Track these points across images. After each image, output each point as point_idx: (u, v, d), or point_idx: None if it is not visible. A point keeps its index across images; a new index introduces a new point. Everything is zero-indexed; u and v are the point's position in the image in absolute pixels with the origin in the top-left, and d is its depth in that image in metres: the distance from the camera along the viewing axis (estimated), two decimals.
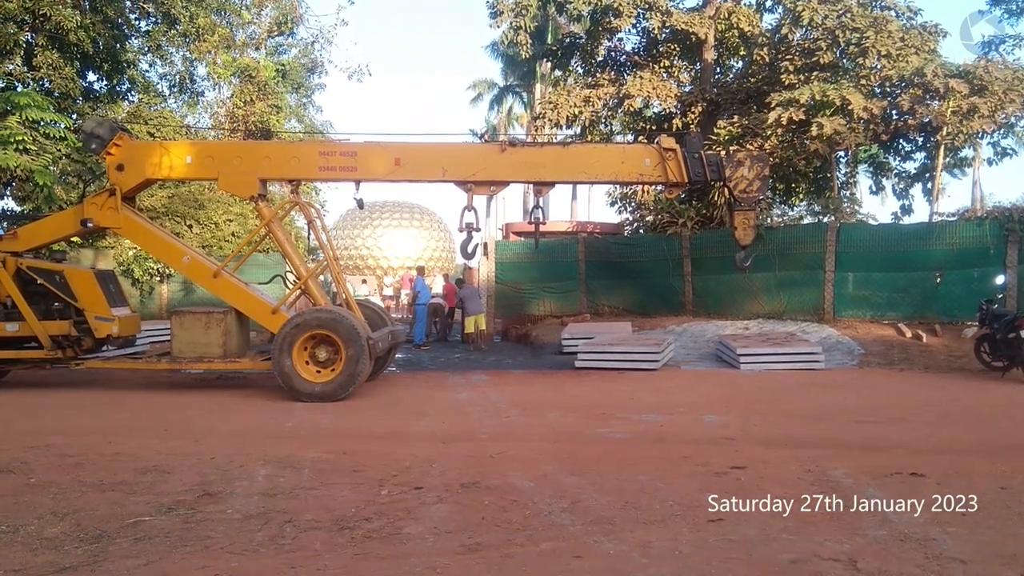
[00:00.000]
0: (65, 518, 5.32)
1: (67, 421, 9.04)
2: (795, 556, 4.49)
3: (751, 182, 11.82)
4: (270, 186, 12.39)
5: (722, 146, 19.03)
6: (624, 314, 19.38)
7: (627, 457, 7.09)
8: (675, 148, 11.59)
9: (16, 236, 11.58)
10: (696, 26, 21.67)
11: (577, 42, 25.42)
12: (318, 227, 12.68)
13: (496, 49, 44.00)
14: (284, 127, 27.15)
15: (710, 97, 22.25)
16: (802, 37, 20.99)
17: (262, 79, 25.10)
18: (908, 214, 21.00)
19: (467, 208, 11.71)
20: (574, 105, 22.62)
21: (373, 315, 12.59)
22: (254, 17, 27.86)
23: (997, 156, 20.13)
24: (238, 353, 11.47)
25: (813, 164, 19.92)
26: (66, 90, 18.75)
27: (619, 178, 12.37)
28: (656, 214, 21.99)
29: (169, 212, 22.01)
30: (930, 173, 20.33)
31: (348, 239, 42.38)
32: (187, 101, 26.43)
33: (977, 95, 16.86)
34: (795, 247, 17.42)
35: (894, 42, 18.37)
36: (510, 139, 12.87)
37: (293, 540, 4.90)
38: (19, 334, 11.27)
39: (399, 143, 11.65)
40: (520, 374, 13.93)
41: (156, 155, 11.42)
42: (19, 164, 16.60)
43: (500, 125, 47.69)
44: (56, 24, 17.60)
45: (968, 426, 8.86)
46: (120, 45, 20.63)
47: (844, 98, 17.12)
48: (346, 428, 8.61)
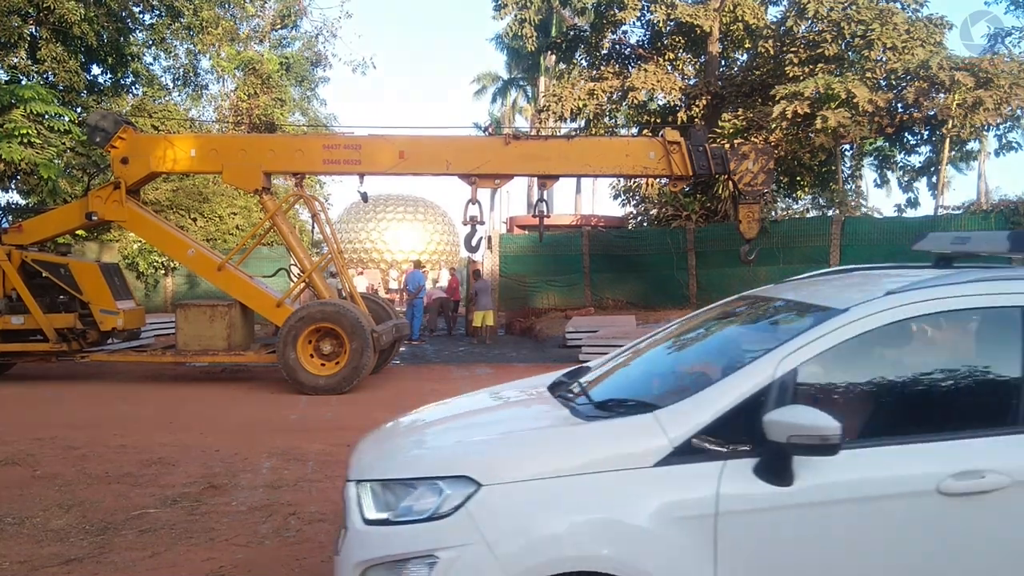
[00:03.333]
0: (71, 510, 5.35)
1: (72, 414, 9.07)
2: None
3: (756, 175, 11.80)
4: (274, 179, 12.40)
5: (727, 139, 18.98)
6: (628, 307, 19.37)
7: None
8: (680, 141, 11.56)
9: (21, 229, 11.61)
10: (701, 19, 21.59)
11: (582, 35, 25.36)
12: (322, 220, 12.70)
13: (500, 42, 43.86)
14: (288, 120, 27.14)
15: (715, 90, 22.18)
16: (807, 29, 20.90)
17: (266, 72, 25.09)
18: (913, 207, 20.96)
19: (471, 201, 11.70)
20: (578, 98, 22.57)
21: (377, 308, 12.60)
22: (258, 10, 27.84)
23: (1003, 149, 20.07)
24: (243, 346, 11.50)
25: (818, 157, 19.87)
26: (70, 83, 18.75)
27: (623, 171, 12.36)
28: (660, 207, 21.96)
29: (173, 205, 22.05)
30: (935, 166, 20.28)
31: (352, 232, 42.34)
32: (191, 94, 26.45)
33: (983, 88, 16.78)
34: (800, 240, 17.39)
35: (899, 34, 18.29)
36: (514, 132, 12.84)
37: (297, 532, 4.92)
38: (25, 327, 11.31)
39: (403, 136, 11.64)
40: (524, 367, 13.92)
41: (160, 148, 11.44)
42: (24, 157, 16.63)
43: (504, 118, 47.61)
44: (60, 17, 17.58)
45: None
46: (124, 38, 20.61)
47: (849, 91, 17.05)
48: (350, 421, 8.63)
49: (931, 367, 3.03)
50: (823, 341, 2.73)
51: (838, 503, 2.57)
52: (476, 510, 2.57)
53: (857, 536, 2.58)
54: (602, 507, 2.56)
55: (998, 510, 2.61)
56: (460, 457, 2.82)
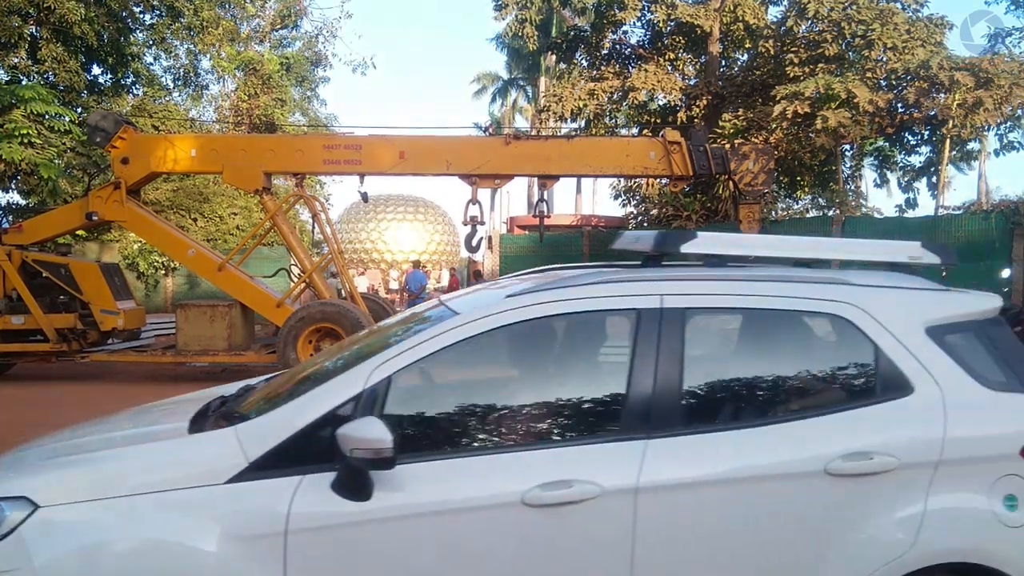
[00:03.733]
0: None
1: (72, 414, 9.04)
2: None
3: (756, 175, 11.80)
4: (274, 179, 12.40)
5: (727, 139, 18.96)
6: None
7: None
8: (680, 141, 11.56)
9: (21, 229, 11.61)
10: (701, 19, 21.58)
11: (582, 35, 25.35)
12: (322, 220, 12.70)
13: (501, 42, 43.87)
14: (288, 120, 27.15)
15: (715, 90, 22.17)
16: (807, 29, 20.88)
17: (266, 72, 25.11)
18: (913, 208, 20.94)
19: (471, 201, 11.70)
20: (579, 98, 22.56)
21: (378, 308, 12.60)
22: (258, 10, 27.86)
23: (1003, 149, 20.05)
24: (243, 346, 11.49)
25: (818, 157, 19.86)
26: (70, 83, 18.76)
27: (624, 171, 12.36)
28: (660, 207, 21.95)
29: (174, 205, 22.06)
30: (935, 166, 20.27)
31: (352, 232, 42.37)
32: (191, 94, 26.46)
33: (983, 88, 16.77)
34: None
35: (900, 34, 18.28)
36: (515, 132, 12.85)
37: None
38: (25, 327, 11.30)
39: (403, 136, 11.64)
40: None
41: (161, 148, 11.43)
42: (24, 157, 16.64)
43: (504, 118, 47.62)
44: (60, 17, 17.59)
45: None
46: (124, 38, 20.63)
47: (849, 91, 17.04)
48: None
49: (540, 374, 2.94)
50: (421, 348, 2.62)
51: (419, 517, 2.47)
52: (29, 534, 2.42)
53: (440, 551, 2.48)
54: (167, 529, 2.44)
55: (587, 520, 2.51)
56: (19, 477, 2.65)
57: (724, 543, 2.58)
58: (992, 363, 2.83)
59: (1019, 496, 2.64)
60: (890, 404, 2.72)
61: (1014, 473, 2.64)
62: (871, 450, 2.61)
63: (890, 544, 2.57)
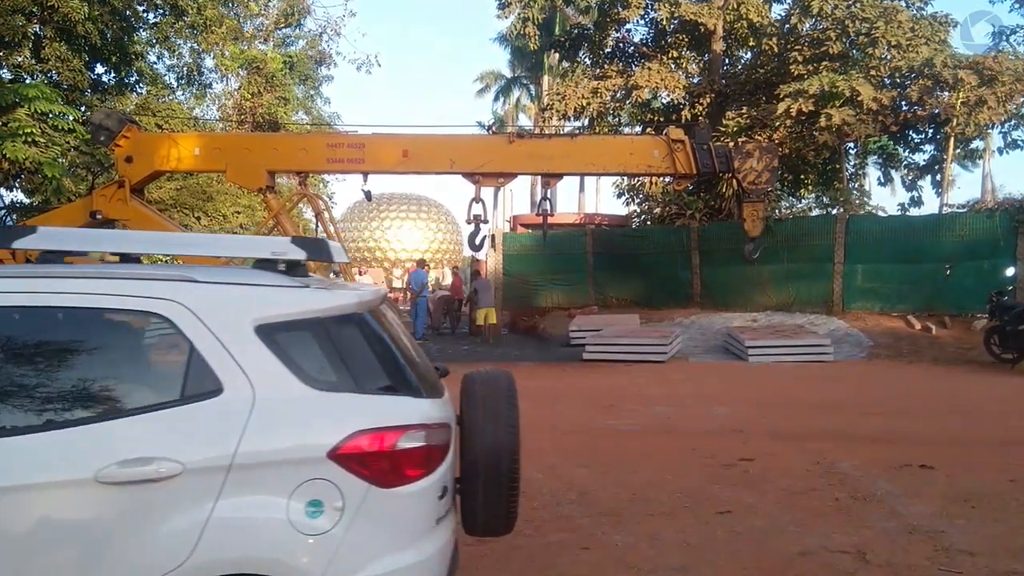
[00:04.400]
0: None
1: None
2: (804, 548, 4.48)
3: (760, 173, 11.79)
4: (278, 178, 12.41)
5: (731, 137, 18.95)
6: (632, 306, 19.36)
7: (635, 449, 7.09)
8: (684, 139, 11.56)
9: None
10: (705, 17, 21.55)
11: (585, 33, 25.33)
12: (326, 219, 12.72)
13: (504, 40, 43.84)
14: (292, 119, 27.17)
15: (719, 88, 22.15)
16: (811, 27, 20.87)
17: (270, 71, 25.10)
18: (917, 206, 20.91)
19: (475, 200, 11.71)
20: (582, 96, 22.55)
21: None
22: (262, 8, 27.86)
23: (1007, 147, 20.01)
24: None
25: (822, 155, 19.85)
26: (74, 82, 18.76)
27: (627, 169, 12.35)
28: (664, 206, 21.94)
29: (178, 204, 22.08)
30: (939, 164, 20.24)
31: (356, 231, 42.43)
32: (195, 93, 26.43)
33: (987, 86, 16.76)
34: (804, 239, 17.36)
35: (904, 32, 18.26)
36: (518, 131, 12.86)
37: None
38: None
39: (407, 135, 11.65)
40: (527, 366, 13.92)
41: (164, 147, 11.47)
42: (28, 156, 16.63)
43: (508, 117, 47.59)
44: (64, 16, 17.58)
45: (977, 418, 8.82)
46: (128, 37, 20.63)
47: (853, 89, 17.03)
48: None
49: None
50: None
51: None
52: None
53: None
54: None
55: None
56: None
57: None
58: (327, 363, 2.67)
59: (325, 502, 2.50)
60: (190, 407, 2.56)
61: (320, 477, 2.51)
62: (153, 455, 2.46)
63: (166, 553, 2.43)
